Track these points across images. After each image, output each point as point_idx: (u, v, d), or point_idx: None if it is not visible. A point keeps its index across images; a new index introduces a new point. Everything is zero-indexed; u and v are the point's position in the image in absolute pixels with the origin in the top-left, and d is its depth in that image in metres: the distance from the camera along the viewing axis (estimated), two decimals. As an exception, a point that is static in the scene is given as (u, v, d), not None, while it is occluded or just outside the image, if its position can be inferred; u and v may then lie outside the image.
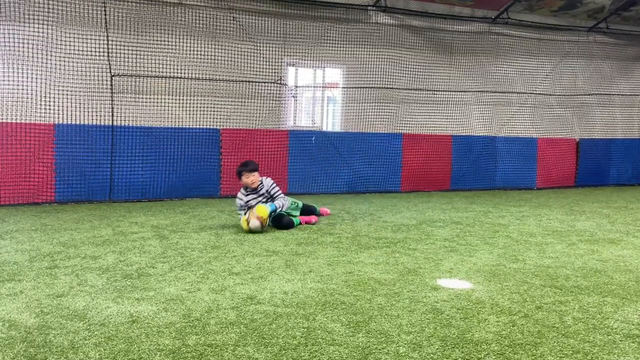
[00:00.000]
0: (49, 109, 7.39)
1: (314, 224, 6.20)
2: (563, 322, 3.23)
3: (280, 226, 5.90)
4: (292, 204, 6.22)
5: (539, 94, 10.67)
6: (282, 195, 6.06)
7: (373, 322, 3.16)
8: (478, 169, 10.25)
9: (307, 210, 6.40)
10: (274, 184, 6.05)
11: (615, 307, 3.51)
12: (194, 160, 8.25)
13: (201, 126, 8.30)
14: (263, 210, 5.62)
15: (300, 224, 6.12)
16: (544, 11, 10.20)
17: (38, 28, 7.25)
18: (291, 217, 6.05)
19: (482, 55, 10.18)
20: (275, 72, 8.73)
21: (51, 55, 7.38)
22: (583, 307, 3.49)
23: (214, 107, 8.37)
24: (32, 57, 7.27)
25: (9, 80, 7.18)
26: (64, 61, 7.44)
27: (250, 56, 8.53)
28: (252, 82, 8.58)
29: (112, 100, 7.74)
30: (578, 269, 4.46)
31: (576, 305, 3.53)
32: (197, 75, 8.24)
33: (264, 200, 5.92)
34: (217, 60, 8.34)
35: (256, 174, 5.92)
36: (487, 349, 2.82)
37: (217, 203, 7.83)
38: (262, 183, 5.97)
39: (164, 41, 8.00)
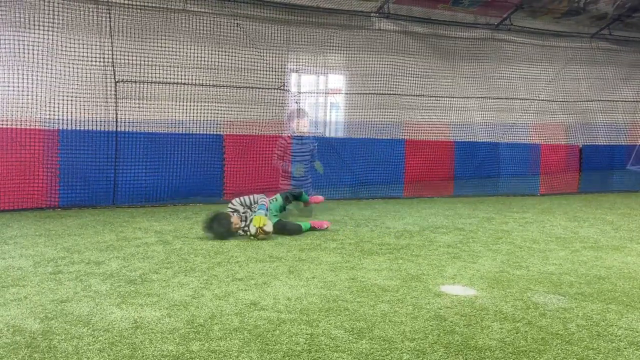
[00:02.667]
0: (54, 115, 7.42)
1: (325, 229, 6.18)
2: (567, 329, 3.23)
3: (284, 232, 5.88)
4: (271, 202, 6.08)
5: (542, 100, 10.67)
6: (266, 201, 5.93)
7: (376, 329, 3.16)
8: (481, 175, 10.24)
9: (293, 197, 6.34)
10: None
11: (620, 314, 3.50)
12: (197, 166, 8.26)
13: (204, 132, 8.32)
14: (259, 220, 5.56)
15: (311, 229, 6.09)
16: (546, 18, 10.21)
17: (43, 34, 7.28)
18: (299, 223, 6.04)
19: (485, 61, 10.18)
20: (278, 79, 8.76)
21: (56, 62, 7.40)
22: (587, 314, 3.48)
23: (217, 113, 8.39)
24: (37, 63, 7.30)
25: (13, 86, 7.21)
26: (69, 67, 7.47)
27: (254, 62, 8.56)
28: (256, 88, 8.60)
29: (116, 106, 7.77)
30: (582, 275, 4.45)
31: (580, 313, 3.52)
32: (200, 82, 8.26)
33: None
34: (221, 66, 8.36)
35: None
36: (491, 356, 2.82)
37: (220, 208, 7.81)
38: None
39: (168, 47, 8.03)
